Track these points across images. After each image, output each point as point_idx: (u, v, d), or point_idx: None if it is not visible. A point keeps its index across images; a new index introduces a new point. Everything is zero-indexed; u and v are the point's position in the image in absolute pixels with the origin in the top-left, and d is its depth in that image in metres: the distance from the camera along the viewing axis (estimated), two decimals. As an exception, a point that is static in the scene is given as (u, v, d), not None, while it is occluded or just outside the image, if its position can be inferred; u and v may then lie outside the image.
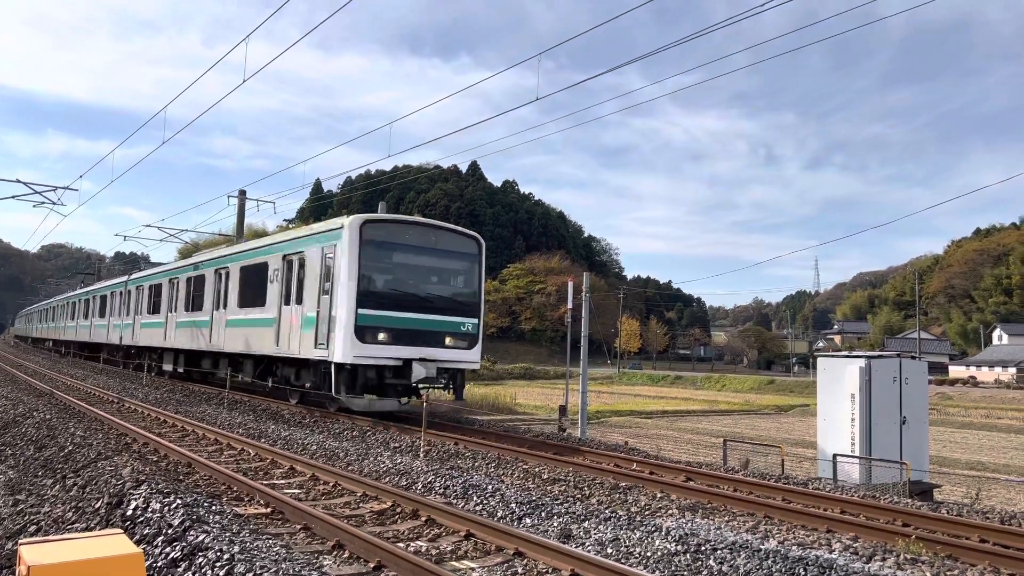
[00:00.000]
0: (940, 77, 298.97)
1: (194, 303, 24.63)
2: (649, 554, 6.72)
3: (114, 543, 3.81)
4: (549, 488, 9.73)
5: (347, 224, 15.88)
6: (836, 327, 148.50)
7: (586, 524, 7.72)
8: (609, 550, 6.87)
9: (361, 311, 15.32)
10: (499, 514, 8.21)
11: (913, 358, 16.37)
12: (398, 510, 8.33)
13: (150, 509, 7.32)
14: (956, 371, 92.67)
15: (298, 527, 7.50)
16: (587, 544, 7.07)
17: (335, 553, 6.69)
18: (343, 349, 15.19)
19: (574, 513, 8.16)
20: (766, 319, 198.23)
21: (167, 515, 7.08)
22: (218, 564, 5.87)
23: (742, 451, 16.44)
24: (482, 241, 17.82)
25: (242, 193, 33.58)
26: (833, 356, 16.56)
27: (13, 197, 27.38)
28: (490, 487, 9.32)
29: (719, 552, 6.76)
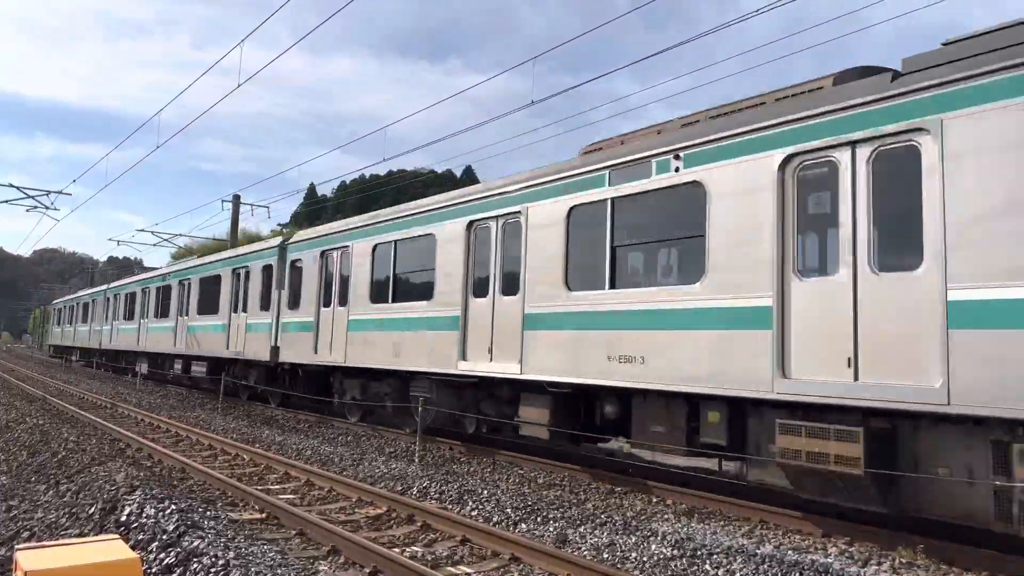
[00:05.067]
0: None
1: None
2: (645, 559, 6.72)
3: (110, 548, 3.80)
4: (544, 493, 9.72)
5: None
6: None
7: (582, 529, 7.71)
8: (605, 555, 6.87)
9: None
10: (495, 519, 8.20)
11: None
12: (393, 515, 8.32)
13: (144, 515, 7.29)
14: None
15: (293, 532, 7.48)
16: (583, 549, 7.06)
17: (331, 558, 6.68)
18: None
19: (570, 518, 8.16)
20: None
21: (161, 521, 7.05)
22: (213, 570, 5.85)
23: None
24: None
25: (236, 197, 33.58)
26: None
27: (6, 202, 27.31)
28: (485, 492, 9.32)
29: (715, 557, 6.77)
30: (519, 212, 11.52)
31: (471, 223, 12.66)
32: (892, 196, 7.24)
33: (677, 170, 9.22)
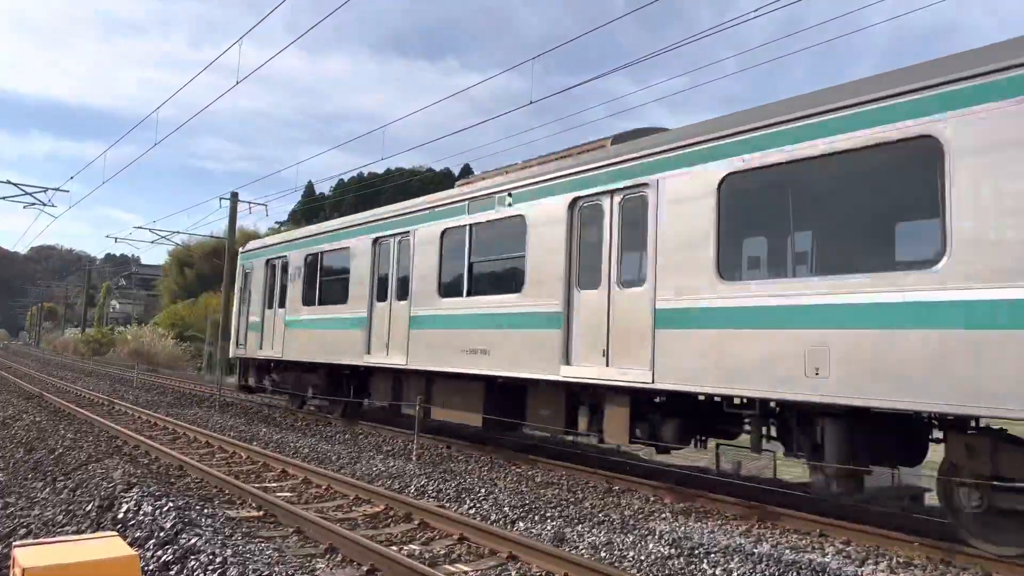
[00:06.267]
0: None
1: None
2: (643, 558, 6.72)
3: (108, 545, 3.79)
4: (542, 491, 9.72)
5: None
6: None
7: (579, 527, 7.72)
8: (603, 553, 6.88)
9: None
10: (492, 517, 8.20)
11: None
12: (391, 513, 8.31)
13: (141, 512, 7.29)
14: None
15: (291, 530, 7.47)
16: (581, 548, 7.06)
17: (328, 556, 6.67)
18: None
19: (567, 516, 8.16)
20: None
21: (159, 518, 7.05)
22: (211, 567, 5.85)
23: (736, 454, 16.41)
24: None
25: (234, 195, 33.54)
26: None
27: (3, 198, 27.28)
28: (483, 490, 9.32)
29: (712, 556, 6.78)
30: None
31: None
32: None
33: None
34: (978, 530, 6.92)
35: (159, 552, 6.29)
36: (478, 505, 8.69)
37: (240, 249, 20.93)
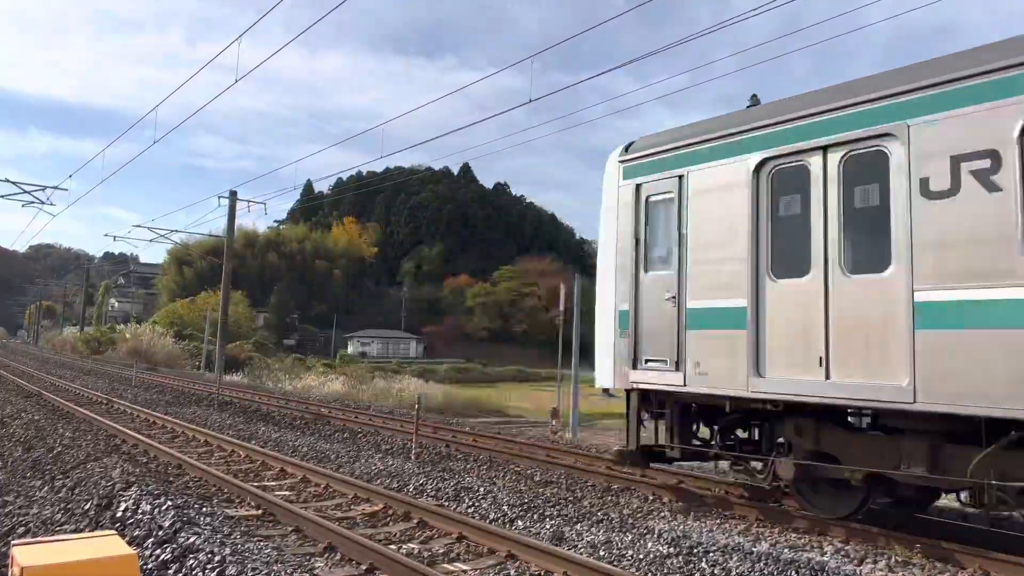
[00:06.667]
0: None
1: None
2: (641, 556, 6.72)
3: (107, 544, 3.79)
4: (541, 490, 9.73)
5: None
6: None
7: (578, 526, 7.72)
8: (601, 552, 6.87)
9: None
10: (491, 516, 8.20)
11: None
12: (390, 512, 8.31)
13: (140, 511, 7.28)
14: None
15: (289, 529, 7.47)
16: (579, 546, 7.06)
17: (327, 555, 6.67)
18: None
19: (566, 515, 8.16)
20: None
21: (157, 517, 7.04)
22: (209, 566, 5.85)
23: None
24: None
25: (233, 194, 33.47)
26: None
27: (2, 196, 27.22)
28: (482, 489, 9.32)
29: (711, 555, 6.77)
30: None
31: None
32: None
33: None
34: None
35: (158, 551, 6.28)
36: (477, 504, 8.69)
37: (619, 157, 10.18)
